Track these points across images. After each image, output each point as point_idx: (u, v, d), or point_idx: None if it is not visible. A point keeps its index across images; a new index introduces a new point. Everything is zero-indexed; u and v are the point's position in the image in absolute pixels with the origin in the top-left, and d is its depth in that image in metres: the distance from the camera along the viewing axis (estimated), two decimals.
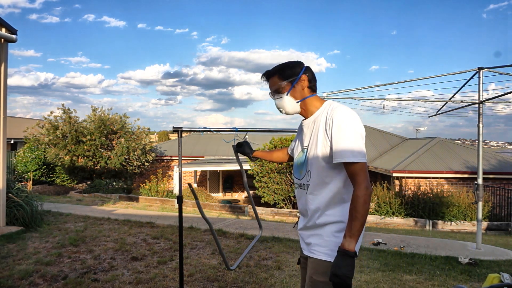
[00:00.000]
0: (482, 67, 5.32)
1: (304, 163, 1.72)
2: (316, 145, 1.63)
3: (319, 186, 1.63)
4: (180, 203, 2.61)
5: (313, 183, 1.65)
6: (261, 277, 3.67)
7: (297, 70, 1.71)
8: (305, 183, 1.70)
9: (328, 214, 1.61)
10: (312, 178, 1.65)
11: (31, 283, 3.41)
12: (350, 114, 1.57)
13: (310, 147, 1.67)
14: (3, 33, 5.38)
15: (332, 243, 1.59)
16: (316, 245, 1.63)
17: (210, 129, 2.70)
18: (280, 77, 1.71)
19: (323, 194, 1.62)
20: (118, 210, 8.34)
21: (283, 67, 1.73)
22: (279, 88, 1.71)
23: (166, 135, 48.69)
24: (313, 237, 1.66)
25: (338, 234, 1.59)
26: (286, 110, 1.73)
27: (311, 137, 1.68)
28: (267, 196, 11.29)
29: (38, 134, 15.45)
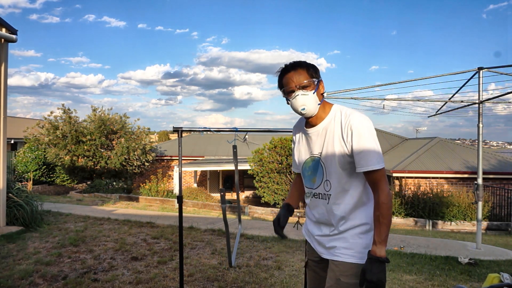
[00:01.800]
0: (482, 67, 5.32)
1: (317, 171, 1.68)
2: (333, 153, 1.59)
3: (341, 194, 1.62)
4: (180, 203, 2.62)
5: (335, 192, 1.63)
6: (261, 277, 3.67)
7: (319, 73, 1.65)
8: (323, 193, 1.67)
9: (352, 218, 1.62)
10: (333, 187, 1.63)
11: (31, 283, 3.41)
12: (367, 120, 1.55)
13: (325, 155, 1.63)
14: (3, 33, 5.38)
15: (358, 245, 1.59)
16: (342, 248, 1.62)
17: (210, 129, 2.70)
18: (309, 73, 1.61)
19: (346, 202, 1.61)
20: (118, 210, 8.34)
21: (314, 65, 1.65)
22: (308, 84, 1.59)
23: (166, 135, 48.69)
24: (336, 241, 1.64)
25: (362, 236, 1.61)
26: (309, 108, 1.59)
27: (325, 144, 1.62)
28: (267, 196, 11.29)
29: (38, 134, 15.45)
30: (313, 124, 1.67)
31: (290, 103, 1.62)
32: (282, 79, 1.64)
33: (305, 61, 1.64)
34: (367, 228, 1.61)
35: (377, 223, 1.51)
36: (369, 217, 1.61)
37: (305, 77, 1.58)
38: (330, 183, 1.63)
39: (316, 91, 1.59)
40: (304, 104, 1.58)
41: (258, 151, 11.75)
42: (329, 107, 1.66)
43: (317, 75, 1.62)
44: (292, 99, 1.60)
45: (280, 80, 1.66)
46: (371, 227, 1.60)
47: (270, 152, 11.38)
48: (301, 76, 1.58)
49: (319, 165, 1.66)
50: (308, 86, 1.58)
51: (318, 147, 1.66)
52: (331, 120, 1.62)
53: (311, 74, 1.60)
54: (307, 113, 1.60)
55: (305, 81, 1.57)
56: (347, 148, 1.55)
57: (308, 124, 1.70)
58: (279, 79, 1.66)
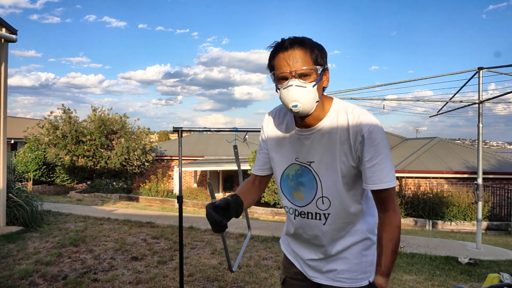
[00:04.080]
0: (482, 67, 5.32)
1: (306, 185, 1.31)
2: (334, 163, 1.24)
3: (343, 214, 1.30)
4: (180, 203, 2.62)
5: (336, 211, 1.29)
6: (261, 277, 3.67)
7: (326, 59, 1.22)
8: (316, 212, 1.32)
9: (352, 234, 1.33)
10: (333, 206, 1.29)
11: (31, 283, 3.41)
12: (379, 125, 1.20)
13: (322, 165, 1.26)
14: (3, 33, 5.38)
15: (362, 265, 1.34)
16: (344, 272, 1.34)
17: (210, 129, 2.70)
18: (313, 56, 1.16)
19: (349, 221, 1.32)
20: (118, 210, 8.34)
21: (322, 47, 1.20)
22: (309, 71, 1.15)
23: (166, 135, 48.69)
24: (335, 263, 1.35)
25: (366, 252, 1.34)
26: (303, 106, 1.16)
27: (322, 151, 1.25)
28: (267, 196, 11.29)
29: (38, 134, 15.45)
30: (308, 125, 1.26)
31: (280, 93, 1.18)
32: (274, 58, 1.19)
33: (310, 39, 1.19)
34: (369, 243, 1.35)
35: (386, 249, 1.20)
36: (369, 229, 1.35)
37: (306, 62, 1.15)
38: (329, 201, 1.28)
39: (317, 84, 1.17)
40: (297, 100, 1.15)
41: None
42: (329, 103, 1.26)
43: (323, 61, 1.19)
44: (283, 89, 1.17)
45: (271, 58, 1.20)
46: (373, 240, 1.34)
47: None
48: (301, 59, 1.15)
49: (310, 177, 1.29)
50: (308, 74, 1.15)
51: (311, 154, 1.27)
52: (333, 120, 1.23)
53: (315, 59, 1.16)
54: (299, 112, 1.18)
55: (305, 67, 1.14)
56: (353, 158, 1.22)
57: (300, 123, 1.28)
58: (270, 58, 1.21)
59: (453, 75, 5.59)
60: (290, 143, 1.33)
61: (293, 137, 1.31)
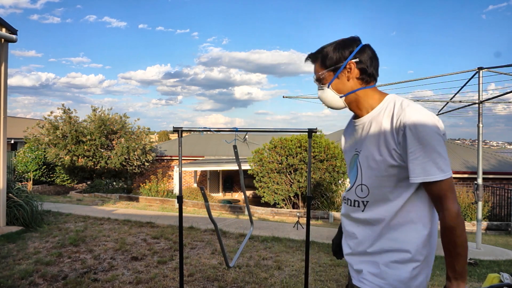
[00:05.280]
0: (481, 67, 5.33)
1: (351, 172, 1.39)
2: (374, 152, 1.26)
3: (382, 204, 1.27)
4: (180, 203, 2.62)
5: (373, 200, 1.29)
6: (261, 277, 3.67)
7: (345, 54, 1.30)
8: (354, 199, 1.35)
9: (389, 238, 1.26)
10: (371, 194, 1.29)
11: (31, 283, 3.41)
12: (429, 116, 1.19)
13: (366, 154, 1.30)
14: (3, 33, 5.38)
15: (390, 276, 1.24)
16: (369, 274, 1.28)
17: (210, 129, 2.70)
18: (323, 63, 1.34)
19: (386, 214, 1.26)
20: (118, 210, 8.34)
21: (327, 51, 1.34)
22: (320, 77, 1.36)
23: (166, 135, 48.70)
24: (364, 264, 1.31)
25: (398, 266, 1.23)
26: (327, 104, 1.38)
27: (367, 141, 1.30)
28: (267, 196, 11.29)
29: (38, 134, 15.45)
30: (359, 114, 1.37)
31: None
32: None
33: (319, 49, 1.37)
34: (408, 258, 1.23)
35: (447, 254, 1.17)
36: (415, 243, 1.23)
37: (317, 70, 1.37)
38: (367, 189, 1.30)
39: (332, 83, 1.33)
40: (322, 100, 1.39)
41: (258, 151, 11.75)
42: (381, 98, 1.32)
43: (337, 60, 1.30)
44: None
45: None
46: (415, 258, 1.23)
47: (270, 152, 11.38)
48: (315, 69, 1.38)
49: (355, 164, 1.36)
50: (320, 78, 1.36)
51: (360, 143, 1.35)
52: (381, 111, 1.28)
53: (324, 64, 1.33)
54: (330, 107, 1.39)
55: (318, 73, 1.36)
56: (396, 148, 1.21)
57: (355, 115, 1.42)
58: None
59: (453, 75, 5.59)
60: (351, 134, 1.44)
61: (352, 129, 1.43)
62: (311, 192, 2.95)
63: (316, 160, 10.98)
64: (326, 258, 4.49)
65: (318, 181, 11.06)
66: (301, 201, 11.32)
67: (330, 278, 3.71)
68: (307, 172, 3.00)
